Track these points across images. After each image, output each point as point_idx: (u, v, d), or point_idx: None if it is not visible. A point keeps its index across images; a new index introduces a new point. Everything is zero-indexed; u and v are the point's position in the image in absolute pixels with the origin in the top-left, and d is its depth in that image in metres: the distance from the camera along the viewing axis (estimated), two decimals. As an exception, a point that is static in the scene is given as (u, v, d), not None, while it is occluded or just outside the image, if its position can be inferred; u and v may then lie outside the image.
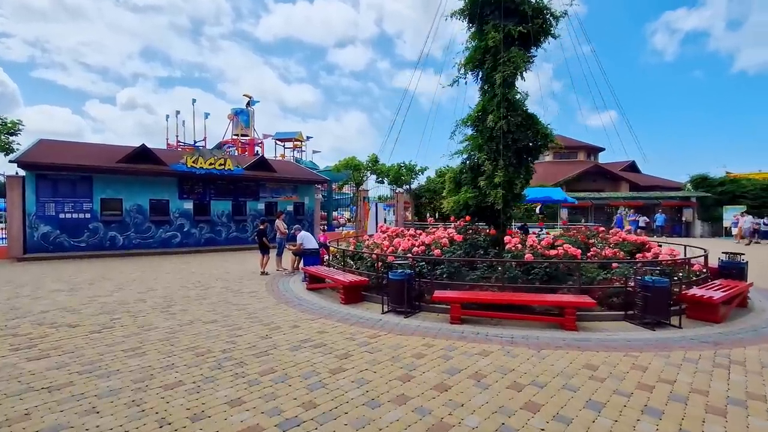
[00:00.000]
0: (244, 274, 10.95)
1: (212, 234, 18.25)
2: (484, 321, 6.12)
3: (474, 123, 10.18)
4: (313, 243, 10.91)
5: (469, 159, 10.32)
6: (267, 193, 20.05)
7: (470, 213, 9.82)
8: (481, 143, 9.83)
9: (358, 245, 10.19)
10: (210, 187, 18.19)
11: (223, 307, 7.17)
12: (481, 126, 9.96)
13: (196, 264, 13.09)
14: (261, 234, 11.13)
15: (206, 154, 17.21)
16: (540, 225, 21.21)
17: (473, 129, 10.59)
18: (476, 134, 10.07)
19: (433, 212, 30.68)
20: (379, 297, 7.41)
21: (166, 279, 10.15)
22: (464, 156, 11.01)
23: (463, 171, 10.54)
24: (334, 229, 23.99)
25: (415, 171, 24.85)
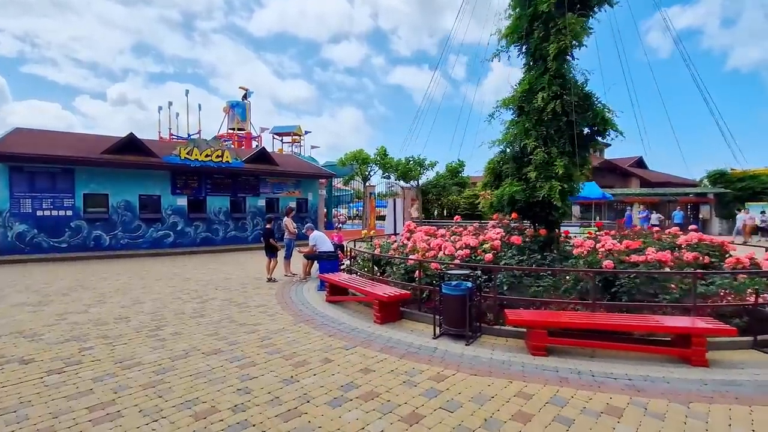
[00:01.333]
0: (248, 281, 9.42)
1: (209, 233, 16.67)
2: (573, 351, 4.66)
3: (518, 104, 8.71)
4: (327, 245, 9.41)
5: (511, 147, 8.84)
6: (268, 188, 18.48)
7: (517, 209, 8.35)
8: (528, 127, 8.37)
9: (384, 246, 8.70)
10: (206, 181, 16.59)
11: (228, 328, 5.66)
12: (528, 107, 8.49)
13: (191, 267, 11.54)
14: (268, 234, 9.61)
15: (202, 145, 15.61)
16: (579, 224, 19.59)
17: (515, 112, 9.14)
18: (522, 118, 8.61)
19: (440, 209, 29.25)
20: (420, 314, 5.94)
21: (157, 288, 8.60)
22: (502, 145, 9.58)
23: (503, 161, 9.08)
24: (333, 228, 22.49)
25: (424, 165, 23.38)
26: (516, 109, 8.91)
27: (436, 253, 6.82)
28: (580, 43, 8.22)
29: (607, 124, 8.27)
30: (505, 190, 8.36)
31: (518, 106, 8.70)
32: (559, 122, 8.21)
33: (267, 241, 9.54)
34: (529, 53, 8.69)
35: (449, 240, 8.51)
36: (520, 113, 8.87)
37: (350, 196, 36.70)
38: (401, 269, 7.04)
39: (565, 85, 8.25)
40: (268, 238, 9.57)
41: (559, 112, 8.05)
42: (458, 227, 11.09)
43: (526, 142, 8.28)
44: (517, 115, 9.14)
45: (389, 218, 12.52)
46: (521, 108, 8.75)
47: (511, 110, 9.29)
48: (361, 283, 6.62)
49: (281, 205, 18.91)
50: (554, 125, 8.23)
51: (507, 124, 9.38)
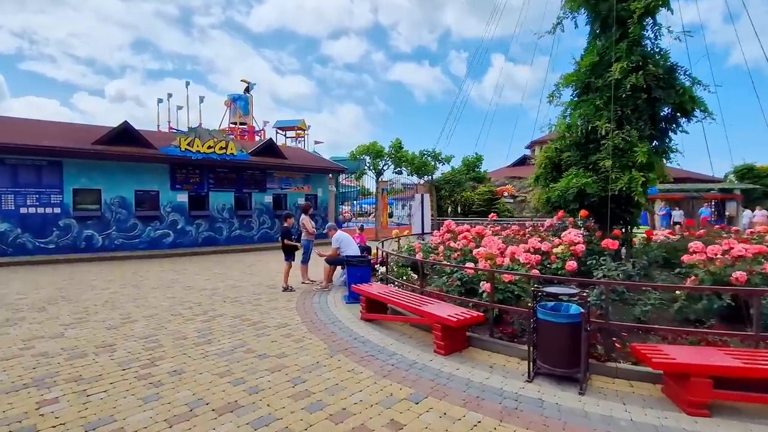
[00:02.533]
0: (260, 290, 8.03)
1: (211, 232, 15.27)
2: (742, 409, 3.27)
3: (584, 80, 7.30)
4: (353, 247, 8.01)
5: (574, 131, 7.44)
6: (275, 183, 17.07)
7: (587, 206, 6.94)
8: (599, 105, 6.96)
9: (425, 251, 7.30)
10: (209, 175, 15.18)
11: (244, 362, 4.27)
12: (599, 82, 7.08)
13: (193, 272, 10.15)
14: (285, 233, 8.20)
15: (204, 135, 14.18)
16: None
17: (577, 91, 7.73)
18: (590, 96, 7.19)
19: (454, 206, 27.84)
20: (494, 341, 4.55)
21: (153, 299, 7.21)
22: (556, 129, 8.18)
23: (563, 148, 7.68)
24: (341, 225, 21.05)
25: (440, 159, 21.94)
26: (580, 86, 7.52)
27: (503, 260, 5.40)
28: (668, 6, 6.82)
29: (695, 104, 6.87)
30: (571, 182, 6.96)
31: (584, 82, 7.30)
32: (637, 100, 6.82)
33: (285, 242, 8.14)
34: (599, 18, 7.29)
35: (508, 243, 7.12)
36: (586, 91, 7.47)
37: (356, 193, 35.28)
38: (455, 280, 5.63)
39: (644, 54, 6.86)
40: (285, 237, 8.17)
41: (639, 87, 6.67)
42: (495, 226, 9.70)
43: (597, 123, 6.88)
44: (578, 95, 7.75)
45: (416, 216, 11.13)
46: (587, 85, 7.36)
47: (571, 89, 7.91)
48: (408, 299, 5.22)
49: (289, 201, 17.52)
50: (631, 103, 6.85)
51: (567, 106, 7.98)
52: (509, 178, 33.82)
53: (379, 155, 19.08)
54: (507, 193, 29.95)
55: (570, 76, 7.40)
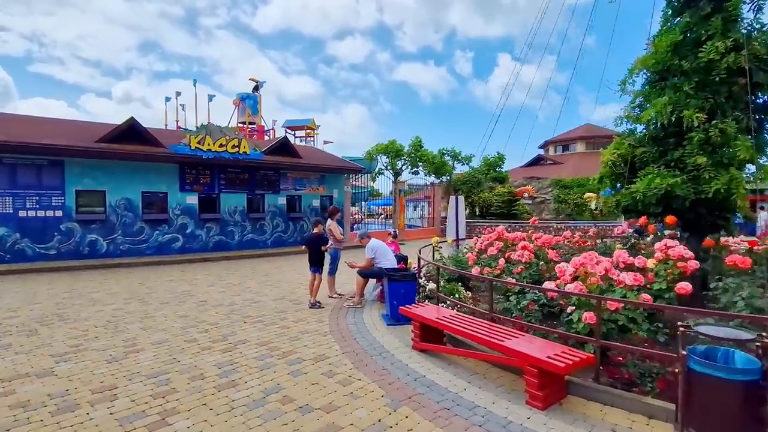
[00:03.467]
0: (284, 305, 7.04)
1: (222, 236, 14.33)
2: None
3: (665, 63, 6.23)
4: (390, 258, 7.00)
5: (651, 123, 6.37)
6: (289, 184, 16.12)
7: (675, 211, 5.87)
8: (687, 92, 5.89)
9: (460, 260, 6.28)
10: (220, 176, 14.24)
11: (283, 420, 3.26)
12: (685, 65, 6.02)
13: (205, 282, 9.18)
14: (315, 241, 7.17)
15: (215, 133, 13.24)
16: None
17: (651, 77, 6.67)
18: (672, 81, 6.12)
19: (471, 207, 26.76)
20: (603, 390, 3.50)
21: (162, 318, 6.24)
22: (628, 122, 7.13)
23: (637, 143, 6.61)
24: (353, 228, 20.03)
25: (459, 159, 20.91)
26: (657, 71, 6.45)
27: (597, 281, 4.34)
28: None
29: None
30: (654, 183, 5.89)
31: (665, 65, 6.22)
32: (732, 86, 5.76)
33: (314, 251, 7.11)
34: (682, -14, 6.23)
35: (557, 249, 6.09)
36: (663, 76, 6.41)
37: (366, 194, 34.31)
38: (533, 303, 4.59)
39: (743, 31, 5.79)
40: (315, 245, 7.12)
41: (736, 71, 5.61)
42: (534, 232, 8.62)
43: (684, 113, 5.81)
44: (653, 81, 6.68)
45: (450, 220, 10.08)
46: (667, 69, 6.29)
47: (644, 75, 6.85)
48: (479, 328, 4.18)
49: (304, 203, 16.55)
50: (725, 90, 5.78)
51: (636, 95, 6.93)
52: (527, 178, 32.67)
53: (398, 154, 18.07)
54: (527, 194, 28.80)
55: (647, 59, 6.33)
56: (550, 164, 42.29)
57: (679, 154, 6.07)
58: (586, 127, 49.50)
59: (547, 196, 30.29)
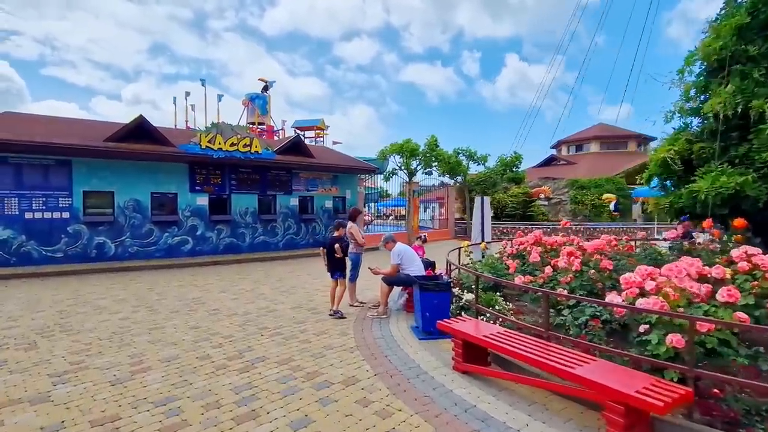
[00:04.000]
0: (302, 315, 6.50)
1: (233, 238, 13.87)
2: None
3: (729, 49, 5.59)
4: (418, 263, 6.44)
5: (711, 117, 5.73)
6: (301, 184, 15.62)
7: (743, 212, 5.24)
8: (758, 78, 5.25)
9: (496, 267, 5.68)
10: (230, 176, 13.79)
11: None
12: (753, 50, 5.38)
13: (216, 287, 8.68)
14: (335, 245, 6.59)
15: (226, 131, 12.78)
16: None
17: (711, 66, 6.04)
18: (738, 68, 5.48)
19: (485, 209, 26.03)
20: (693, 427, 2.90)
21: (172, 329, 5.74)
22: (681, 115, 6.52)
23: (695, 138, 5.98)
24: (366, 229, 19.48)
25: (475, 158, 20.26)
26: (718, 59, 5.81)
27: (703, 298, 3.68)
28: None
29: None
30: (719, 182, 5.26)
31: (731, 50, 5.58)
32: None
33: (332, 255, 6.54)
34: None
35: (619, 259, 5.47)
36: (724, 65, 5.77)
37: (376, 194, 33.78)
38: (597, 320, 3.98)
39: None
40: (333, 250, 6.55)
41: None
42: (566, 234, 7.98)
43: (753, 103, 5.18)
44: (709, 71, 6.05)
45: (476, 222, 9.49)
46: (730, 57, 5.65)
47: (700, 65, 6.21)
48: (539, 350, 3.59)
49: (316, 204, 16.05)
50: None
51: (691, 86, 6.30)
52: (542, 179, 31.89)
53: (413, 154, 17.49)
54: (543, 194, 28.05)
55: (709, 45, 5.70)
56: (563, 164, 41.42)
57: (744, 150, 5.44)
58: (600, 126, 48.46)
59: (563, 197, 29.49)
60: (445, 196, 23.74)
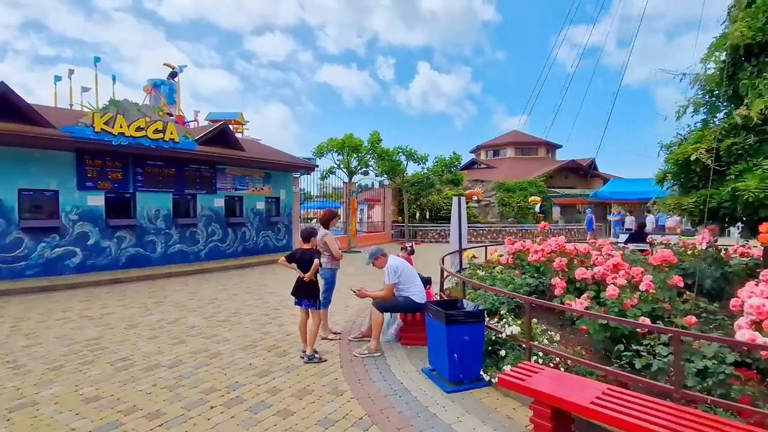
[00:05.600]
0: (263, 359, 4.61)
1: (140, 248, 11.04)
2: None
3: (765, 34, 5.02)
4: (418, 283, 4.97)
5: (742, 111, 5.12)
6: (228, 182, 13.20)
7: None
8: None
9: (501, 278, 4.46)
10: (137, 169, 10.97)
11: None
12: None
13: (120, 317, 6.28)
14: (307, 261, 4.76)
15: (131, 112, 10.02)
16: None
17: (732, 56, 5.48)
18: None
19: (421, 210, 25.49)
20: None
21: (47, 404, 3.53)
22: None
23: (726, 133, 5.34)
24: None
25: (414, 158, 19.34)
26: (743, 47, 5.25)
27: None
28: None
29: None
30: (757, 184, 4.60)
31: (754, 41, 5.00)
32: None
33: (305, 277, 4.73)
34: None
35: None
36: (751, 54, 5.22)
37: (303, 195, 31.54)
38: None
39: None
40: (312, 270, 4.73)
41: None
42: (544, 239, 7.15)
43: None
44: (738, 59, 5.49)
45: (453, 226, 8.28)
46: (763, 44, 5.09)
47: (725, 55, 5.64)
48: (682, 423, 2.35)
49: (246, 205, 13.72)
50: None
51: (708, 79, 5.72)
52: (472, 181, 32.41)
53: (356, 150, 15.93)
54: (476, 197, 28.32)
55: (739, 30, 5.07)
56: (484, 168, 43.12)
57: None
58: (514, 133, 51.55)
59: (491, 200, 30.19)
60: (382, 197, 22.56)
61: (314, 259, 4.63)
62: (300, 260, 4.74)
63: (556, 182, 37.22)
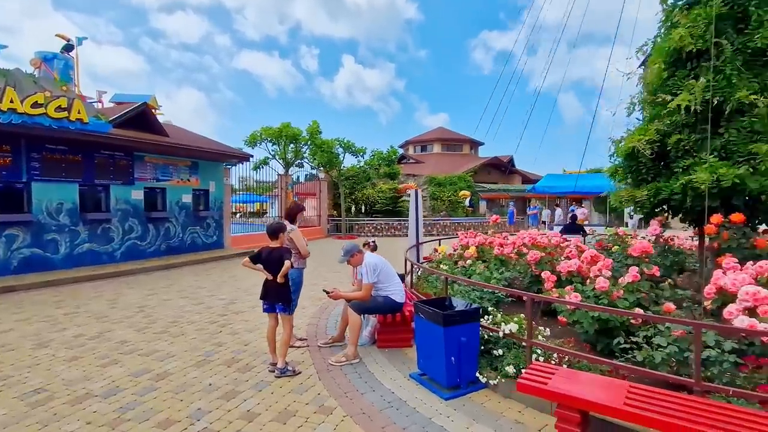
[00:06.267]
0: (223, 376, 3.93)
1: (37, 248, 9.26)
2: None
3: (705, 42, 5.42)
4: (397, 282, 4.64)
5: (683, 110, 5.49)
6: (148, 171, 11.67)
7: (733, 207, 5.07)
8: (728, 73, 5.15)
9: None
10: (31, 154, 9.16)
11: None
12: (726, 44, 5.28)
13: (18, 334, 5.07)
14: (281, 261, 4.13)
15: (25, 84, 8.25)
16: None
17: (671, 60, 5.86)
18: (707, 64, 5.34)
19: (356, 204, 25.16)
20: None
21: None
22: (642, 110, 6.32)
23: (670, 129, 5.69)
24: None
25: (353, 150, 18.90)
26: (683, 52, 5.64)
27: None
28: None
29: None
30: (718, 174, 4.98)
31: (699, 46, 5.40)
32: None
33: (275, 279, 4.08)
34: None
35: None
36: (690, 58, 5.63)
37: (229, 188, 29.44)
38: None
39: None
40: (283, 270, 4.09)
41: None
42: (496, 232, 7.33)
43: (739, 94, 5.07)
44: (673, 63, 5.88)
45: (412, 219, 8.04)
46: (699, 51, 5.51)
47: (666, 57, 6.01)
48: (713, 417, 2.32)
49: (169, 198, 12.24)
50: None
51: (658, 77, 6.10)
52: (404, 175, 32.74)
53: (294, 140, 15.01)
54: (410, 190, 28.63)
55: (678, 33, 5.40)
56: (413, 162, 44.04)
57: (723, 142, 5.34)
58: (440, 130, 53.42)
59: (423, 194, 30.82)
60: (317, 190, 21.76)
61: (284, 259, 4.04)
62: (267, 260, 4.11)
63: (480, 177, 39.11)
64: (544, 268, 5.04)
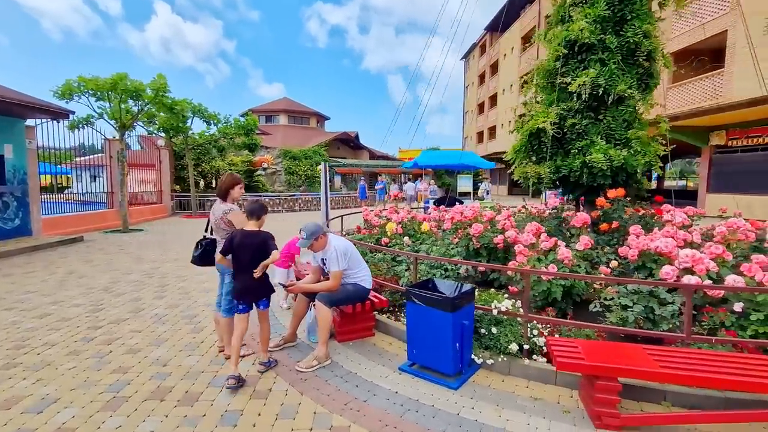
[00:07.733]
0: (166, 401, 2.82)
1: None
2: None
3: (595, 36, 6.24)
4: (365, 266, 4.11)
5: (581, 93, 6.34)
6: None
7: (616, 183, 6.13)
8: (612, 68, 6.13)
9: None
10: None
11: None
12: (610, 40, 6.20)
13: None
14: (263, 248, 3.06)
15: None
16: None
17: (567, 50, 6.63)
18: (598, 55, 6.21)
19: (203, 177, 22.18)
20: None
21: None
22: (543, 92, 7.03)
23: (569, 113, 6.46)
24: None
25: (205, 115, 16.23)
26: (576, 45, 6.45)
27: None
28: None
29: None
30: (611, 154, 5.91)
31: (595, 39, 6.25)
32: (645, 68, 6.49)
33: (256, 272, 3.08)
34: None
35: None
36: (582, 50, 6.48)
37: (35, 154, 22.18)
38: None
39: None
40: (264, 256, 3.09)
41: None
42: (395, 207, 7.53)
43: (619, 86, 6.09)
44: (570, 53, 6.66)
45: (322, 194, 7.28)
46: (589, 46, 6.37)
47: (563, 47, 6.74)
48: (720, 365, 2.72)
49: None
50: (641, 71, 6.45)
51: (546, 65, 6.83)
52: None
53: (136, 95, 11.88)
54: (266, 164, 26.56)
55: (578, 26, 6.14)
56: (259, 134, 41.17)
57: (604, 128, 6.34)
58: (286, 101, 51.33)
59: (277, 167, 29.07)
60: (157, 160, 18.20)
61: (269, 248, 3.12)
62: (241, 246, 3.09)
63: (330, 152, 39.17)
64: (484, 242, 5.20)
